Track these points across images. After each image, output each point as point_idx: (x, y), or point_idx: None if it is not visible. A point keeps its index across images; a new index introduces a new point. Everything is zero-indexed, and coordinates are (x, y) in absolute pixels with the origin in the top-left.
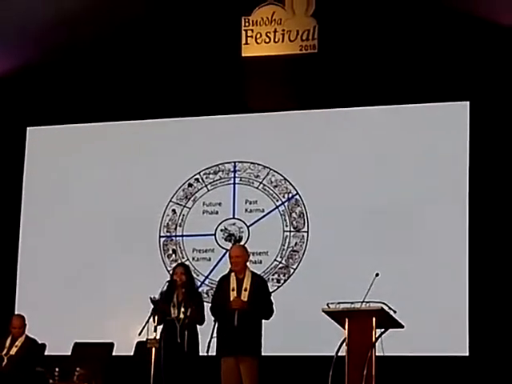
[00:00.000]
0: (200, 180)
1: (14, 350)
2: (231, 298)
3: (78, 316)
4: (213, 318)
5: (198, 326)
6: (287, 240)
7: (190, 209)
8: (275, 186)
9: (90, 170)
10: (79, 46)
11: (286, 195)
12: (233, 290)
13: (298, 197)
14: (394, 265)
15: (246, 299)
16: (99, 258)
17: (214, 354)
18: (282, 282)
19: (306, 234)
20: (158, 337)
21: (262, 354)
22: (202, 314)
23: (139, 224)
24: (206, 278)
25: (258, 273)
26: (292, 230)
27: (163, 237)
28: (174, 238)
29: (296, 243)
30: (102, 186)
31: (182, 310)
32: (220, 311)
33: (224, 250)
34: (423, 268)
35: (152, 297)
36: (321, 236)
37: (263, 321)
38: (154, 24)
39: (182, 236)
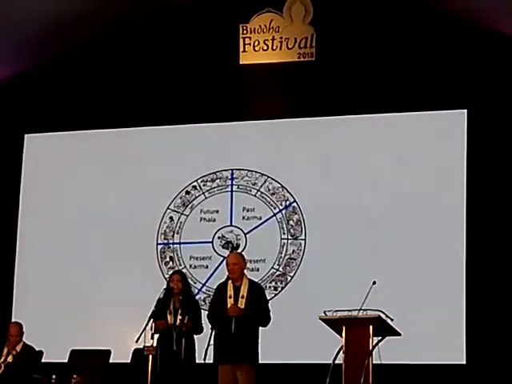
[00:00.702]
0: (197, 187)
1: (11, 358)
2: (228, 306)
3: (75, 323)
4: (210, 326)
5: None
6: (284, 248)
7: (187, 216)
8: (272, 194)
9: (87, 177)
10: (76, 53)
11: (283, 203)
12: (230, 297)
13: (295, 204)
14: (391, 273)
15: (242, 306)
16: (96, 266)
17: (211, 361)
18: (279, 289)
19: (303, 242)
20: (155, 344)
21: (259, 361)
22: (200, 322)
23: (136, 231)
24: (204, 285)
25: (256, 280)
26: (289, 237)
27: (160, 244)
28: (171, 246)
29: (293, 251)
30: (99, 193)
31: (179, 317)
32: (217, 319)
33: (221, 258)
34: (420, 276)
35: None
36: (318, 244)
37: (260, 328)
38: (152, 32)
39: (180, 243)
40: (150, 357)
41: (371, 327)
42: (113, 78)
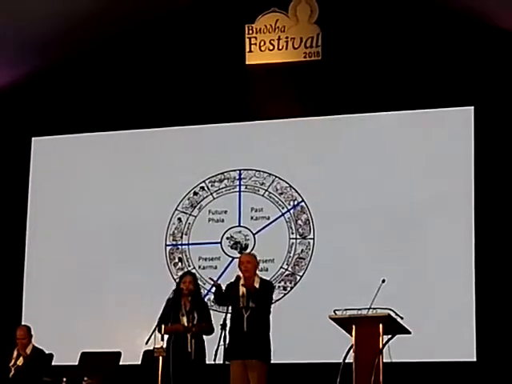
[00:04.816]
0: (205, 188)
1: (21, 361)
2: (240, 305)
3: (85, 325)
4: (219, 327)
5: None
6: (293, 247)
7: (195, 217)
8: (280, 194)
9: (95, 179)
10: (83, 55)
11: (291, 202)
12: (242, 296)
13: (303, 204)
14: (400, 271)
15: (254, 305)
16: (106, 267)
17: (221, 361)
18: (288, 289)
19: (311, 241)
20: (164, 346)
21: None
22: (211, 323)
23: (145, 233)
24: (213, 286)
25: (267, 279)
26: (298, 237)
27: (169, 245)
28: (180, 247)
29: (302, 250)
30: (107, 196)
31: (191, 318)
32: (226, 299)
33: (230, 258)
34: (429, 273)
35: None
36: (327, 243)
37: (271, 325)
38: (158, 33)
39: (188, 244)
40: (160, 358)
41: (381, 326)
42: (120, 79)
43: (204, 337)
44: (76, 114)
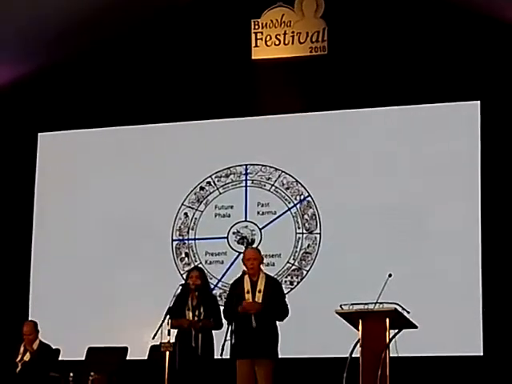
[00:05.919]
0: (212, 183)
1: (27, 356)
2: (246, 301)
3: (92, 321)
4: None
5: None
6: (300, 242)
7: (202, 212)
8: (287, 188)
9: (101, 174)
10: (89, 51)
11: (297, 197)
12: (248, 292)
13: (309, 198)
14: (406, 265)
15: (260, 301)
16: (112, 263)
17: (228, 356)
18: (295, 284)
19: (318, 236)
20: (171, 340)
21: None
22: (219, 317)
23: (152, 228)
24: (219, 281)
25: (272, 275)
26: (304, 231)
27: (176, 240)
28: (186, 242)
29: (308, 245)
30: (113, 191)
31: (197, 313)
32: (235, 315)
33: (237, 253)
34: (436, 268)
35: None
36: (333, 237)
37: (278, 322)
38: (164, 28)
39: (195, 239)
40: (167, 353)
41: (388, 320)
42: (124, 75)
43: (213, 332)
44: (82, 109)
